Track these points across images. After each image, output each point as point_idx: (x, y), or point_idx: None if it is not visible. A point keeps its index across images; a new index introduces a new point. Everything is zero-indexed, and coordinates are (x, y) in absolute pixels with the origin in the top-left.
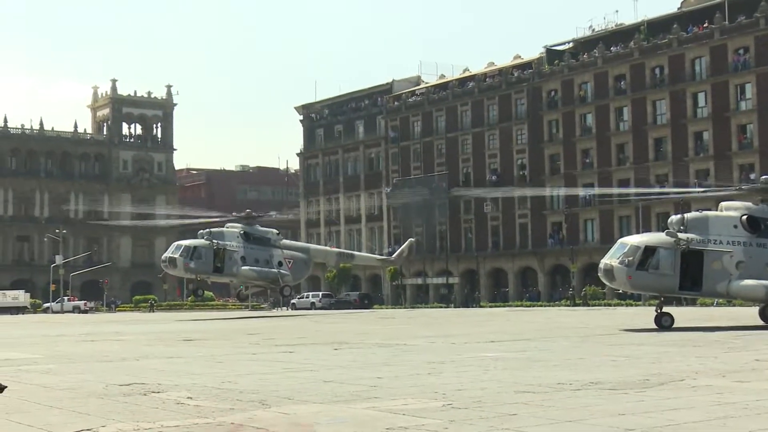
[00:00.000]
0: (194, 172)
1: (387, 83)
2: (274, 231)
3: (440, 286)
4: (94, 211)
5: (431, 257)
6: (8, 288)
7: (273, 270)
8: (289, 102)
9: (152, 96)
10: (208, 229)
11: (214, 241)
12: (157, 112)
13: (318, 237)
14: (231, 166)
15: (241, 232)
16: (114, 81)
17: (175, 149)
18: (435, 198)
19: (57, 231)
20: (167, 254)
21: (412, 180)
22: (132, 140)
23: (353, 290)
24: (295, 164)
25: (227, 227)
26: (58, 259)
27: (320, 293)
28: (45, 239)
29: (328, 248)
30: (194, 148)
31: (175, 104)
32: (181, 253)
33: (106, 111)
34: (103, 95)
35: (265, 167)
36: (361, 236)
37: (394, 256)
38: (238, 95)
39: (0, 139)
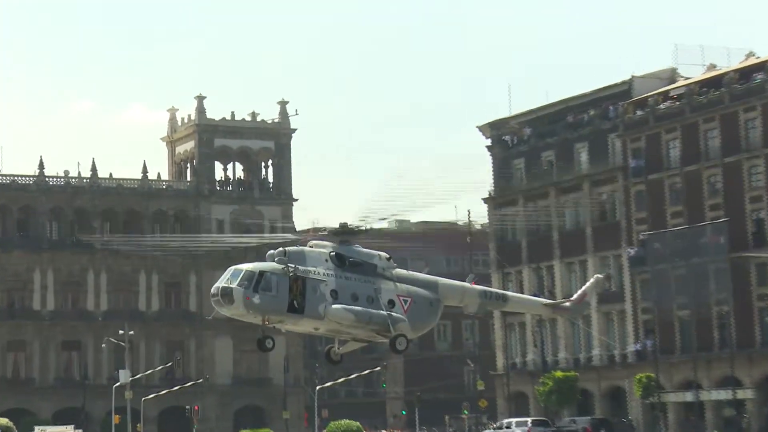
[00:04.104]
0: (325, 233)
1: (623, 82)
2: (384, 255)
3: (722, 403)
4: (175, 300)
5: (706, 357)
6: (50, 422)
7: (380, 312)
8: (470, 119)
9: (258, 119)
10: (281, 248)
11: (290, 265)
12: (267, 144)
13: (521, 328)
14: (382, 223)
15: (332, 253)
16: (200, 98)
17: (296, 199)
18: (708, 262)
19: (121, 332)
20: (220, 283)
21: (670, 234)
22: (230, 188)
23: (582, 413)
24: (481, 215)
25: (311, 246)
26: (123, 376)
27: (529, 419)
28: (103, 345)
29: (467, 284)
30: (323, 197)
31: (294, 130)
32: (240, 281)
33: (189, 145)
34: (185, 121)
35: (434, 222)
36: (590, 325)
37: (573, 298)
38: (388, 112)
39: (34, 194)
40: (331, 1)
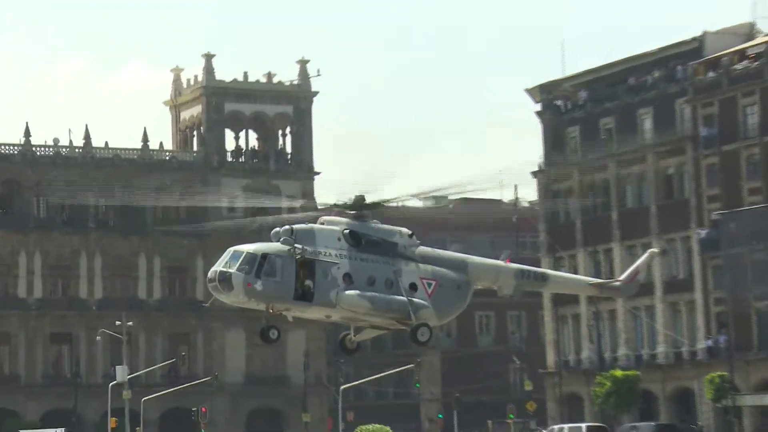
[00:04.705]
0: (351, 212)
1: (693, 39)
2: (406, 231)
3: None
4: (180, 287)
5: None
6: (38, 425)
7: (400, 298)
8: (517, 81)
9: (275, 80)
10: (287, 226)
11: (297, 246)
12: (285, 109)
13: (575, 321)
14: (414, 200)
15: (345, 231)
16: (208, 57)
17: (317, 172)
18: None
19: (118, 323)
20: (218, 266)
21: (747, 213)
22: (242, 159)
23: (644, 418)
24: (529, 191)
25: (322, 223)
26: (121, 373)
27: (584, 425)
28: (98, 338)
29: (500, 263)
30: (347, 170)
31: (315, 93)
32: (240, 264)
33: (196, 110)
34: (191, 83)
35: (475, 199)
36: (654, 317)
37: (623, 276)
38: (422, 73)
39: (18, 166)
40: None
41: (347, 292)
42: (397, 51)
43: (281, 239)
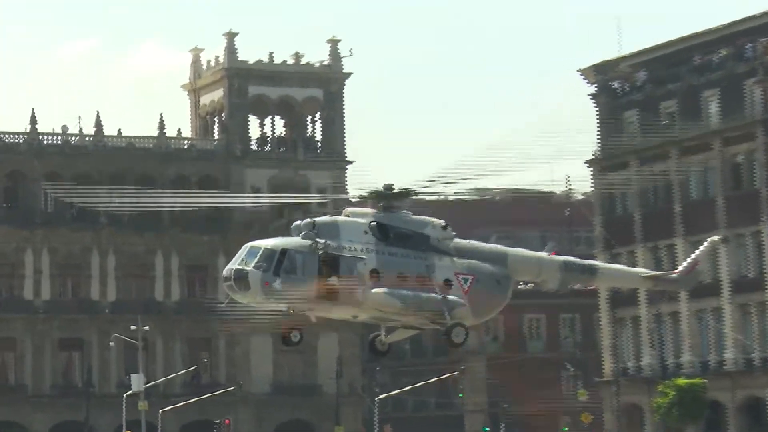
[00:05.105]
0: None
1: (763, 13)
2: (439, 222)
3: None
4: (200, 287)
5: None
6: None
7: (432, 296)
8: (569, 61)
9: (303, 61)
10: (309, 219)
11: (319, 241)
12: (314, 93)
13: (635, 324)
14: (455, 191)
15: (373, 223)
16: (230, 35)
17: (350, 162)
18: None
19: (133, 328)
20: (233, 264)
21: None
22: (268, 148)
23: (711, 430)
24: (583, 182)
25: (347, 214)
26: (136, 381)
27: None
28: (111, 344)
29: (544, 255)
30: (383, 159)
31: (347, 75)
32: (257, 262)
33: (217, 94)
34: (212, 65)
35: (524, 191)
36: (721, 320)
37: (681, 268)
38: (464, 53)
39: (24, 156)
40: None
41: (375, 290)
42: (435, 28)
43: (302, 233)
